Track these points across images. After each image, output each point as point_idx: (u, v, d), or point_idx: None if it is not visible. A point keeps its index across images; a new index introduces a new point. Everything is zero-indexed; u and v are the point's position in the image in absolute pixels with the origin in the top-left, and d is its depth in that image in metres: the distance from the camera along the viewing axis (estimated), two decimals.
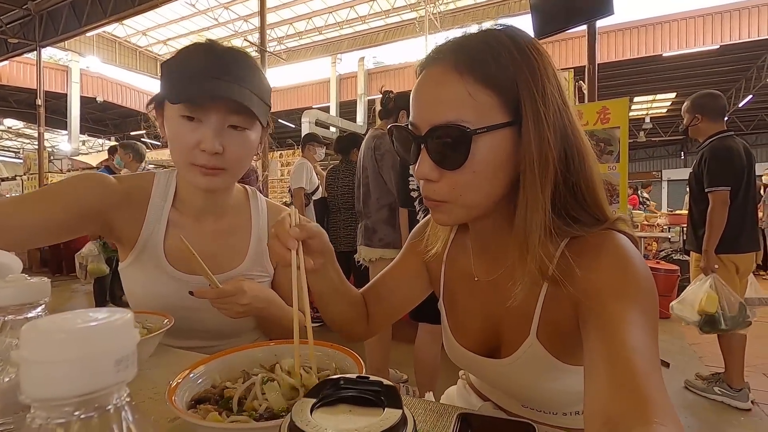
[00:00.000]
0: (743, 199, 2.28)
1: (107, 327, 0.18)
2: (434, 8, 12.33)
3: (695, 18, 9.82)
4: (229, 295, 0.75)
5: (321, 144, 3.91)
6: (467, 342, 0.70)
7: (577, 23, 3.01)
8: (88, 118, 15.15)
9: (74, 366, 0.17)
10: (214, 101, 0.76)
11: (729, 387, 2.34)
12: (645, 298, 0.48)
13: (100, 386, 0.17)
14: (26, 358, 0.16)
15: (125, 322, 0.18)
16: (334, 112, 12.98)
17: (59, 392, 0.17)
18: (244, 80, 0.78)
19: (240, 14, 13.26)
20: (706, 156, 2.33)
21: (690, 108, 2.43)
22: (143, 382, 0.68)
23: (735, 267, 2.31)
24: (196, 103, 0.75)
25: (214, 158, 0.77)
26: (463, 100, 0.51)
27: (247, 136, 0.82)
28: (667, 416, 0.36)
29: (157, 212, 0.88)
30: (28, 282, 0.34)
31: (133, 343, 0.19)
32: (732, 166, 2.25)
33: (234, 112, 0.78)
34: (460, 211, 0.57)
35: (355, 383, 0.36)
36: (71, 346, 0.17)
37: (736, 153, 2.27)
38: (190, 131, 0.76)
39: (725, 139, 2.31)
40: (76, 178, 0.84)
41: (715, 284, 2.25)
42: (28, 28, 7.51)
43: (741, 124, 16.05)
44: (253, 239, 0.95)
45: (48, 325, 0.17)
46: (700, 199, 2.36)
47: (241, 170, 0.85)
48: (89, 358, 0.17)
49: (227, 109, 0.77)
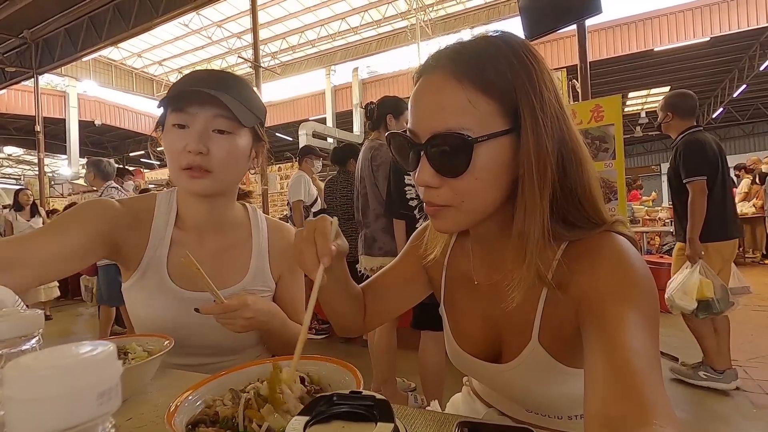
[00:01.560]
0: (720, 188, 2.39)
1: (89, 361, 0.18)
2: (425, 16, 12.45)
3: (684, 11, 9.89)
4: (233, 309, 0.77)
5: (318, 156, 3.93)
6: (469, 347, 0.69)
7: (567, 23, 3.04)
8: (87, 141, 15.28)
9: (57, 402, 0.17)
10: (202, 106, 0.82)
11: (713, 370, 2.40)
12: (645, 299, 0.48)
13: (84, 420, 0.18)
14: (10, 396, 0.17)
15: (108, 354, 0.19)
16: (331, 123, 13.06)
17: (43, 429, 0.17)
18: (230, 90, 0.84)
19: (233, 31, 13.41)
20: (680, 150, 2.46)
21: (663, 106, 2.59)
22: (146, 405, 0.68)
23: (719, 254, 2.41)
24: (182, 105, 0.82)
25: (199, 158, 0.81)
26: (463, 107, 0.51)
27: (232, 140, 0.85)
28: (667, 418, 0.36)
29: (160, 231, 0.90)
30: (20, 315, 0.35)
31: (116, 375, 0.19)
32: (706, 157, 2.37)
33: (219, 116, 0.83)
34: (462, 217, 0.57)
35: (348, 399, 0.37)
36: (54, 382, 0.17)
37: (709, 145, 2.39)
38: (179, 137, 0.82)
39: (696, 133, 2.46)
40: (81, 205, 0.87)
41: (705, 271, 2.35)
42: (24, 56, 7.61)
43: (737, 114, 16.08)
44: (254, 255, 0.96)
45: (30, 362, 0.18)
46: (680, 192, 2.47)
47: (229, 175, 0.87)
48: (72, 393, 0.17)
49: (212, 114, 0.82)
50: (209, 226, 0.93)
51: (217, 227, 0.94)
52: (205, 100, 0.82)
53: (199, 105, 0.82)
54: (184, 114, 0.82)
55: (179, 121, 0.82)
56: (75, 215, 0.84)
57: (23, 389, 0.17)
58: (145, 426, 0.62)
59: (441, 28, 12.81)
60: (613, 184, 2.53)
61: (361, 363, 0.80)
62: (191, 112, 0.82)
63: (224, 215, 0.95)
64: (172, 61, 15.28)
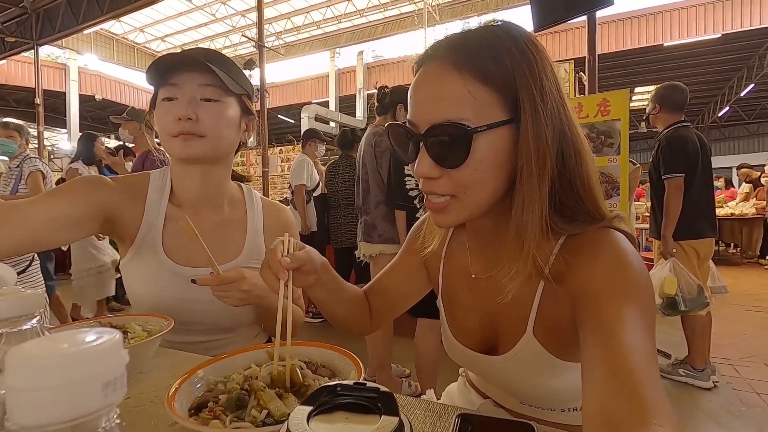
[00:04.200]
0: (699, 186, 2.38)
1: (94, 350, 0.17)
2: (433, 0, 12.23)
3: (696, 6, 9.71)
4: (230, 281, 0.78)
5: (322, 140, 3.89)
6: (465, 339, 0.70)
7: (577, 14, 2.98)
8: (88, 116, 15.08)
9: (60, 392, 0.16)
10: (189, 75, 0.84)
11: (692, 368, 2.44)
12: (642, 296, 0.48)
13: (88, 411, 0.17)
14: (11, 385, 0.16)
15: (113, 344, 0.18)
16: (334, 106, 12.92)
17: (46, 419, 0.16)
18: (214, 61, 0.86)
19: (237, 9, 13.17)
20: (661, 145, 2.44)
21: (653, 97, 2.56)
22: (144, 385, 0.68)
23: (695, 252, 2.42)
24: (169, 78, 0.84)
25: (189, 124, 0.83)
26: (462, 97, 0.50)
27: (220, 107, 0.87)
28: (666, 417, 0.36)
29: (154, 207, 0.91)
30: (21, 294, 0.34)
31: (121, 365, 0.18)
32: (685, 154, 2.35)
33: (205, 85, 0.85)
34: (463, 211, 0.56)
35: (352, 390, 0.36)
36: (57, 372, 0.16)
37: (690, 142, 2.37)
38: (169, 109, 0.85)
39: (680, 129, 2.42)
40: (78, 180, 0.88)
41: (674, 268, 2.35)
42: (25, 27, 7.47)
43: (743, 113, 15.95)
44: (249, 232, 0.98)
45: (33, 350, 0.17)
46: (659, 188, 2.47)
47: (220, 141, 0.89)
48: (76, 383, 0.17)
49: (199, 83, 0.85)
50: (204, 202, 0.95)
51: (211, 203, 0.95)
52: (192, 70, 0.85)
53: (186, 74, 0.84)
54: (171, 87, 0.85)
55: (168, 94, 0.85)
56: (68, 187, 0.86)
57: (25, 378, 0.16)
58: (144, 406, 0.62)
59: (448, 13, 12.59)
60: (616, 180, 2.52)
61: (356, 347, 0.81)
62: (178, 84, 0.85)
63: (218, 191, 0.96)
64: (175, 37, 15.02)
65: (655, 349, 0.45)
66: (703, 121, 16.80)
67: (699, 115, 17.16)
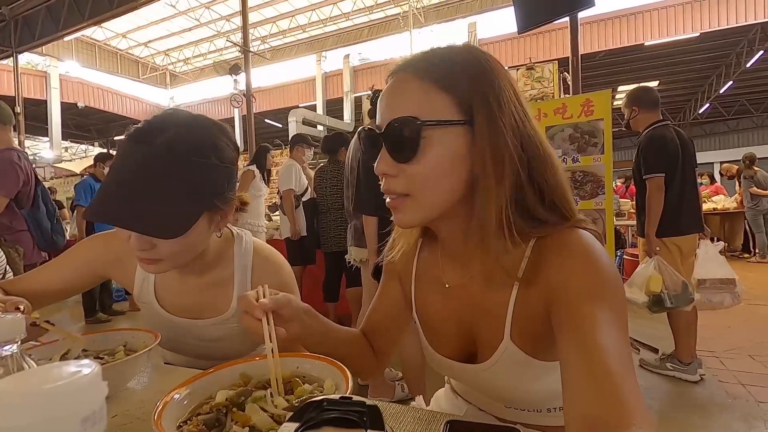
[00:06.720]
0: (680, 183, 2.42)
1: (72, 386, 0.17)
2: (418, 3, 12.30)
3: (675, 6, 9.95)
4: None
5: (310, 145, 3.88)
6: (444, 349, 0.70)
7: (559, 16, 3.03)
8: (70, 124, 14.86)
9: (37, 430, 0.16)
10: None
11: (680, 362, 2.49)
12: (614, 296, 0.50)
13: None
14: None
15: (92, 376, 0.18)
16: (321, 110, 12.92)
17: None
18: (150, 196, 0.70)
19: (222, 14, 13.10)
20: (642, 145, 2.48)
21: (627, 103, 2.60)
22: (130, 402, 0.67)
23: (678, 249, 2.45)
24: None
25: (146, 254, 0.74)
26: (419, 98, 0.54)
27: (177, 240, 0.74)
28: (644, 418, 0.37)
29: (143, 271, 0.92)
30: (1, 319, 0.33)
31: (101, 398, 0.18)
32: (666, 153, 2.39)
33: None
34: (421, 210, 0.57)
35: (338, 405, 0.36)
36: (33, 410, 0.16)
37: (670, 140, 2.40)
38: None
39: (660, 128, 2.46)
40: (84, 241, 0.97)
41: (659, 265, 2.38)
42: (3, 34, 7.34)
43: (723, 110, 16.31)
44: (236, 288, 0.91)
45: (9, 387, 0.17)
46: (641, 187, 2.51)
47: (183, 258, 0.80)
48: (53, 420, 0.17)
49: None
50: (188, 269, 0.89)
51: (196, 269, 0.90)
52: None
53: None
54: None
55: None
56: (77, 251, 0.96)
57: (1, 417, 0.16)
58: (131, 423, 0.61)
59: (434, 16, 12.68)
60: (601, 179, 2.56)
61: None
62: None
63: (202, 259, 0.88)
64: (158, 42, 14.89)
65: (629, 347, 0.46)
66: (685, 118, 17.16)
67: (680, 112, 17.52)
